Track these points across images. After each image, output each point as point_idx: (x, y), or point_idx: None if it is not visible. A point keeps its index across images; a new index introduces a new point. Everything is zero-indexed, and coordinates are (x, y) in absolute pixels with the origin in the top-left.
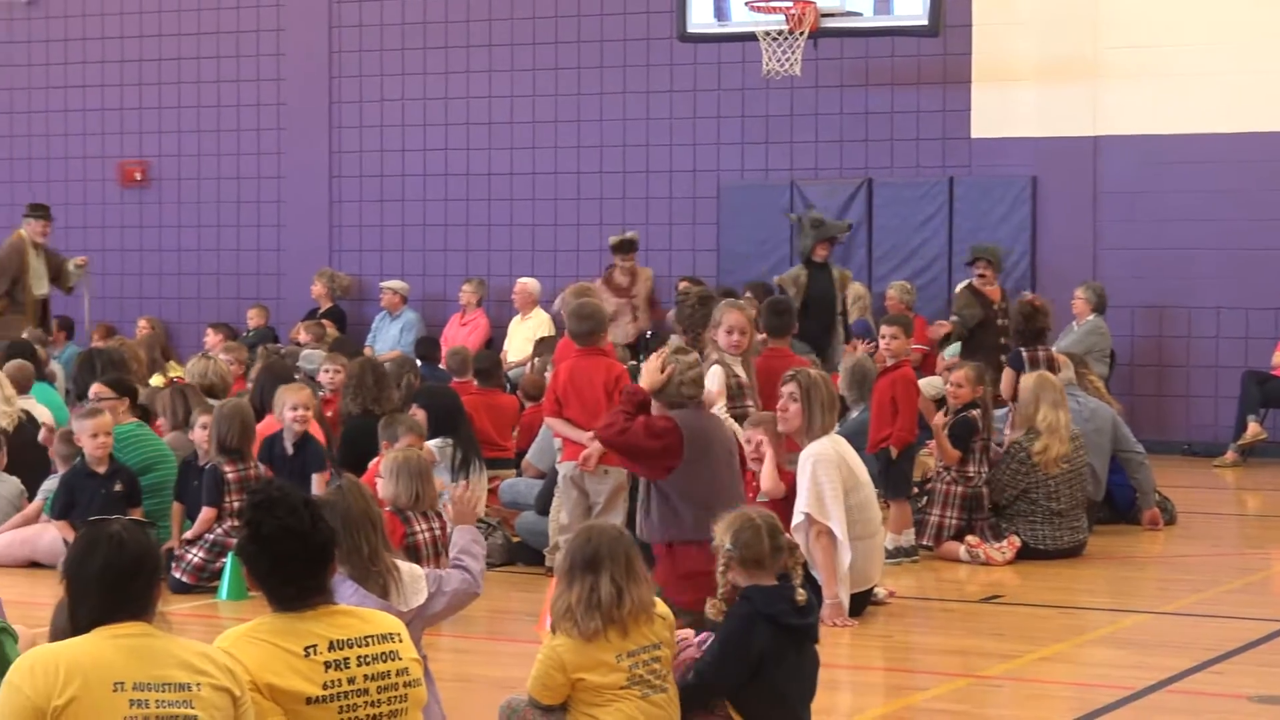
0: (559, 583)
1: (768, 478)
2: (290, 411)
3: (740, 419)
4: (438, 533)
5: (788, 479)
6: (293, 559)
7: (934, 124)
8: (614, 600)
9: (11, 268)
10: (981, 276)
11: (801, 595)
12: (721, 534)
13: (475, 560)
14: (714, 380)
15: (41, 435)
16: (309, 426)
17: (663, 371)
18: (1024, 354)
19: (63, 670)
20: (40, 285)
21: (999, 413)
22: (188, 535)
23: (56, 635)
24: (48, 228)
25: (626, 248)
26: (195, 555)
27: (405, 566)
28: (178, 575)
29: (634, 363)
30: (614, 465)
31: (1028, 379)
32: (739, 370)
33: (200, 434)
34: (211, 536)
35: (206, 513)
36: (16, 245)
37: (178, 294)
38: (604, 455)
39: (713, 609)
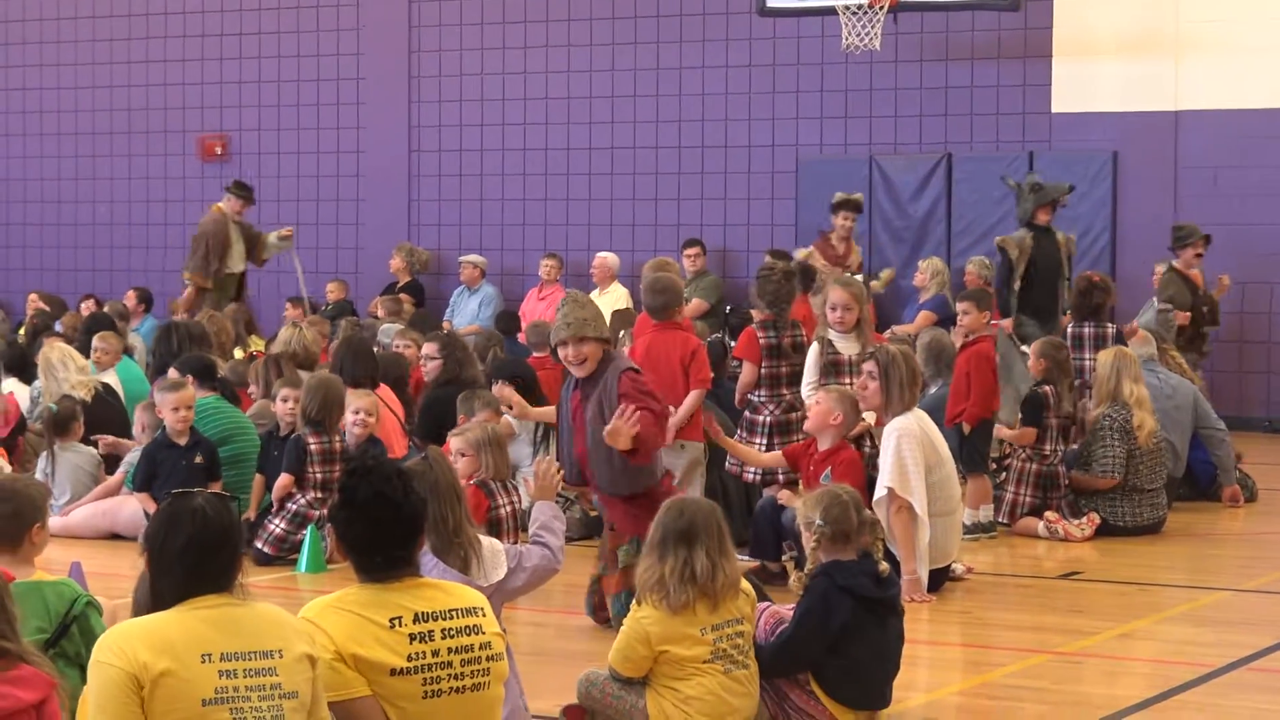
0: (649, 554)
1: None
2: (353, 415)
3: None
4: (517, 505)
5: (843, 464)
6: (384, 527)
7: (1014, 99)
8: (709, 573)
9: (219, 244)
10: (1199, 256)
11: (884, 567)
12: (810, 509)
13: (555, 536)
14: (810, 357)
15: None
16: (374, 429)
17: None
18: (1085, 330)
19: (154, 643)
20: (239, 261)
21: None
22: (263, 506)
23: (138, 608)
24: (246, 208)
25: (852, 206)
26: (277, 526)
27: (486, 541)
28: (259, 545)
29: (716, 336)
30: (690, 440)
31: (1105, 354)
32: (843, 346)
33: (281, 406)
34: (294, 508)
35: (284, 479)
36: (220, 220)
37: (256, 268)
38: (681, 429)
39: (796, 582)
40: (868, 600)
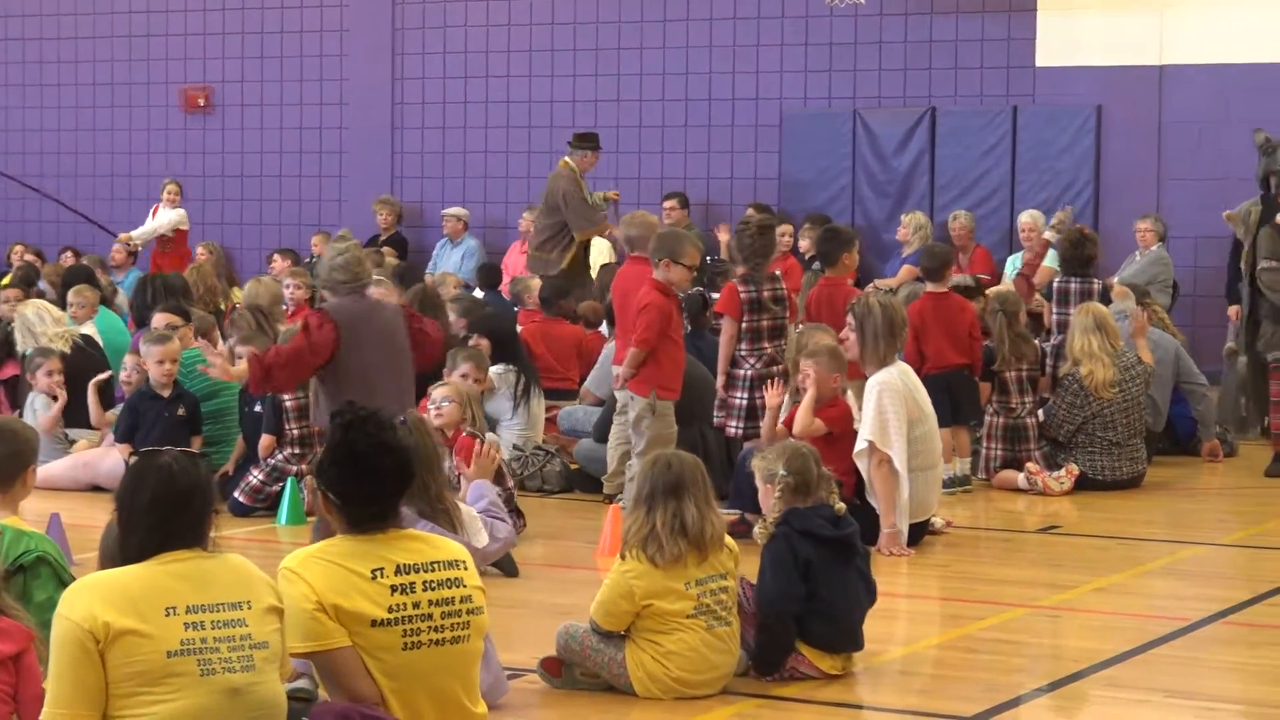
0: (638, 508)
1: (800, 418)
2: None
3: None
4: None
5: (829, 414)
6: (383, 476)
7: (998, 52)
8: (699, 524)
9: (578, 199)
10: None
11: (840, 507)
12: (773, 462)
13: (504, 513)
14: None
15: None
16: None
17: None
18: (1071, 285)
19: (114, 600)
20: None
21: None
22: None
23: (105, 558)
24: (596, 158)
25: None
26: (255, 477)
27: (464, 508)
28: (237, 495)
29: (696, 289)
30: (638, 393)
31: (1078, 311)
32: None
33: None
34: (272, 462)
35: (266, 440)
36: (569, 177)
37: (239, 220)
38: (629, 380)
39: (761, 532)
40: (827, 541)
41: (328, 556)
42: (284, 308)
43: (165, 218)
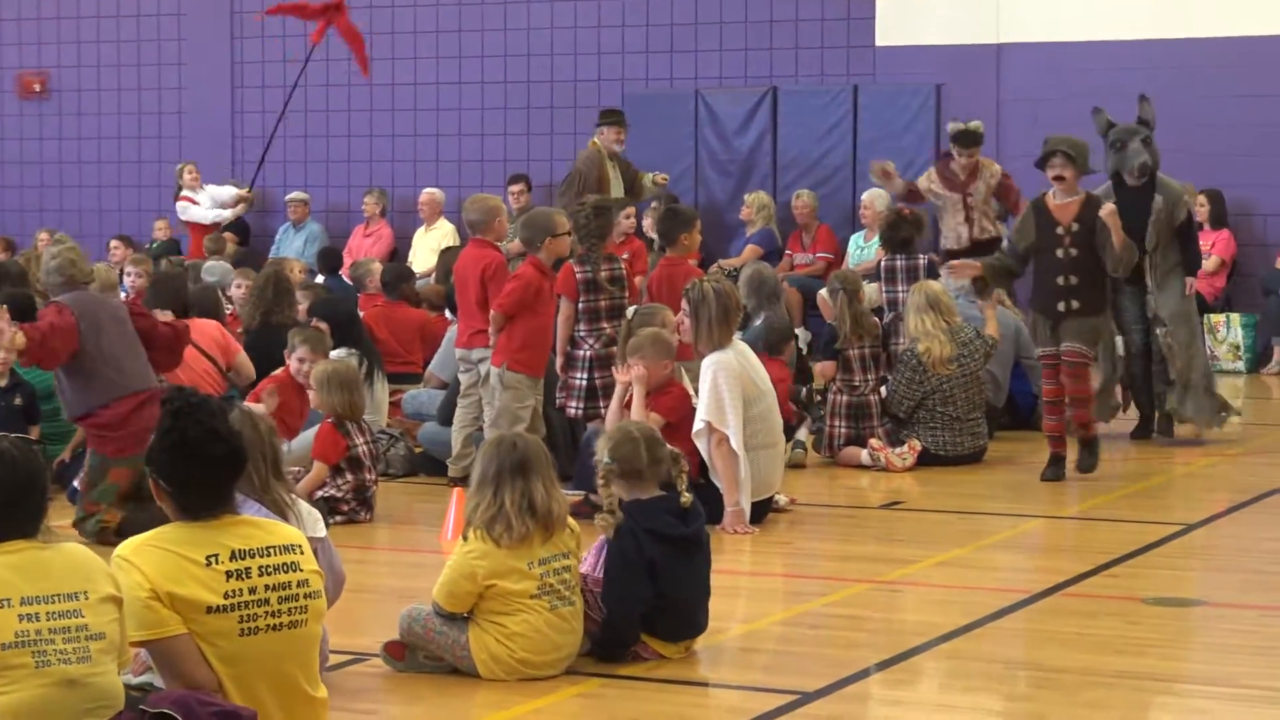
0: (483, 488)
1: (634, 416)
2: None
3: None
4: (372, 446)
5: (662, 405)
6: (214, 464)
7: (838, 32)
8: (546, 503)
9: (591, 180)
10: (1060, 180)
11: (687, 499)
12: (601, 449)
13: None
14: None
15: None
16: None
17: None
18: (898, 263)
19: None
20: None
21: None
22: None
23: None
24: (623, 134)
25: (968, 140)
26: None
27: (304, 506)
28: (76, 484)
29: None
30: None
31: (911, 291)
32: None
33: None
34: None
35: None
36: (593, 155)
37: (79, 206)
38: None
39: (601, 523)
40: (673, 539)
41: (161, 544)
42: (123, 294)
43: (225, 194)
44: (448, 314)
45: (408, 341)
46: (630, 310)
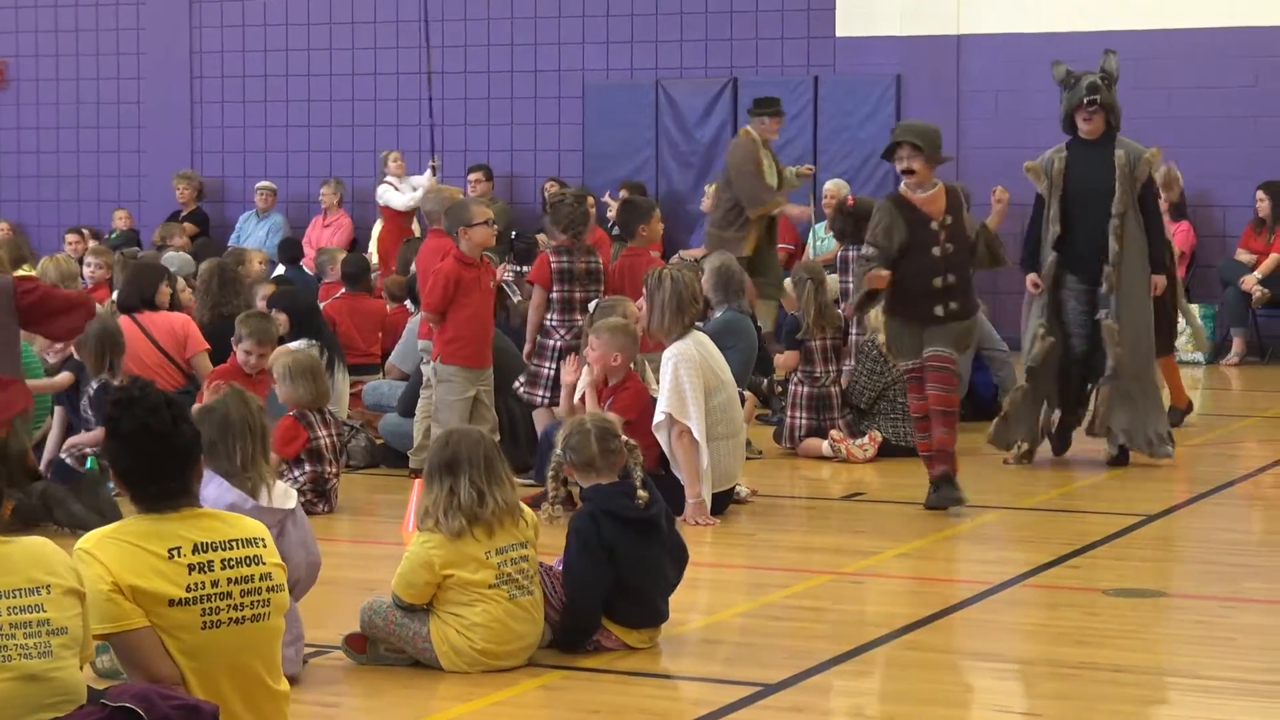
0: (428, 481)
1: (588, 405)
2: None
3: None
4: (336, 438)
5: (620, 401)
6: (153, 458)
7: (799, 23)
8: (474, 501)
9: (748, 171)
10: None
11: (643, 496)
12: (557, 441)
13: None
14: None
15: None
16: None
17: None
18: (850, 253)
19: None
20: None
21: None
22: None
23: None
24: (779, 124)
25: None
26: (67, 458)
27: (280, 485)
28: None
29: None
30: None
31: None
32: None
33: (42, 342)
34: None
35: (99, 433)
36: (748, 145)
37: (37, 197)
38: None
39: (544, 513)
40: (631, 521)
41: (123, 536)
42: (81, 285)
43: (423, 181)
44: (408, 305)
45: (368, 332)
46: (592, 304)
